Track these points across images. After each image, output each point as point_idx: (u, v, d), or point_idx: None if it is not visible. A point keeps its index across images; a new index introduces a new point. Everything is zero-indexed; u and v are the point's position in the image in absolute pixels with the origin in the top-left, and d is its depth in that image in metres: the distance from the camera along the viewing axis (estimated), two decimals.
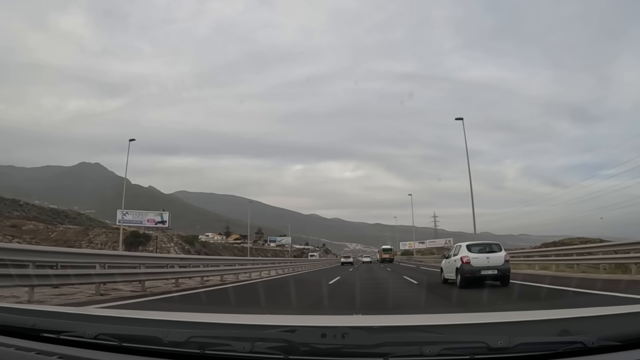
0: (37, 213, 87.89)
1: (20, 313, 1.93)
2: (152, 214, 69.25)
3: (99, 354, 1.55)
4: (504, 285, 11.95)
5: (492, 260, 12.20)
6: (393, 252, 73.90)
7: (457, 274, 12.53)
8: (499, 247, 13.07)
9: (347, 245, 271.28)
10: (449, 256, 14.17)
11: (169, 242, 66.52)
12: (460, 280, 12.29)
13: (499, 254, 12.53)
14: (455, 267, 12.81)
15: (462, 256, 12.51)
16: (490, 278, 12.14)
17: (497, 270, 12.00)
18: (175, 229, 76.51)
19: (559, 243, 42.01)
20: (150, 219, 68.14)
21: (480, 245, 13.18)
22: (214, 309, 8.45)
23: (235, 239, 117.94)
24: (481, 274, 11.95)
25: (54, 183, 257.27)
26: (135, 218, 66.62)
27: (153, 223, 68.03)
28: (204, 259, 23.25)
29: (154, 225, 68.05)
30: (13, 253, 8.32)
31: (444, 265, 14.52)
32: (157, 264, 14.48)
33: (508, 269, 12.36)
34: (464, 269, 12.16)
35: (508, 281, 12.18)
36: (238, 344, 1.46)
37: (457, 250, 13.41)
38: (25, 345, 1.63)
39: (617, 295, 8.43)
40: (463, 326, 1.77)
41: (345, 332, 1.45)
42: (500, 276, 12.09)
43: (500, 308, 7.86)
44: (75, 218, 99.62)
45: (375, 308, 8.22)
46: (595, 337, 1.37)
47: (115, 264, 12.80)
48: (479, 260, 12.18)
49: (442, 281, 14.41)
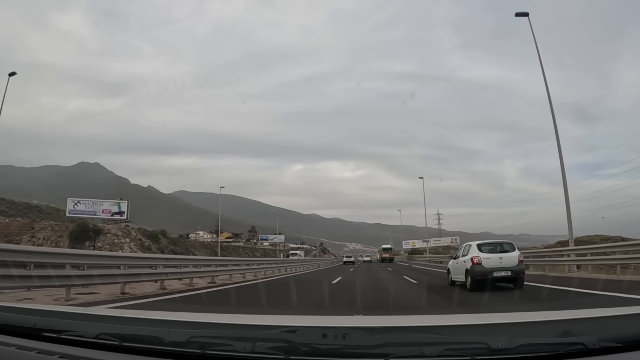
0: (6, 207, 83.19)
1: (21, 312, 1.93)
2: (108, 204, 60.20)
3: (99, 354, 1.55)
4: (518, 288, 11.17)
5: (505, 260, 11.43)
6: (393, 252, 73.85)
7: (467, 276, 11.74)
8: (512, 246, 12.27)
9: (347, 245, 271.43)
10: (457, 256, 13.39)
11: (125, 236, 56.77)
12: (470, 283, 11.51)
13: (513, 254, 11.74)
14: (464, 268, 11.98)
15: (472, 256, 11.68)
16: (503, 280, 11.37)
17: (511, 272, 11.25)
18: (155, 225, 69.33)
19: (578, 242, 37.14)
20: (106, 209, 58.98)
21: (491, 245, 12.40)
22: (215, 309, 8.46)
23: (227, 237, 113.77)
24: (493, 276, 11.16)
25: (52, 182, 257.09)
26: (88, 208, 58.05)
27: (109, 214, 58.81)
28: (162, 259, 17.13)
29: (110, 217, 58.96)
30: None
31: (452, 266, 13.79)
32: (100, 264, 11.10)
33: (522, 270, 11.69)
34: (475, 271, 11.37)
35: (522, 283, 11.44)
36: (239, 344, 1.46)
37: (467, 250, 12.58)
38: (26, 345, 1.63)
39: None
40: (464, 327, 1.77)
41: (346, 333, 1.45)
42: (514, 278, 11.33)
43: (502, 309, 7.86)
44: (50, 213, 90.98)
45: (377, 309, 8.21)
46: (596, 338, 1.37)
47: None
48: (491, 261, 11.42)
49: (449, 283, 13.65)
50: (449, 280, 13.84)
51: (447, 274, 14.31)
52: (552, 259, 20.44)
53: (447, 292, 11.88)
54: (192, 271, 15.39)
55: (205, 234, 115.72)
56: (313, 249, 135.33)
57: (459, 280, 12.62)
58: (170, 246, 63.28)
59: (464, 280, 11.99)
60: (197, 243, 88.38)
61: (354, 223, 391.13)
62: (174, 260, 17.90)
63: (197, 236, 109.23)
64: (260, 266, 25.20)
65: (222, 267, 19.17)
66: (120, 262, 12.09)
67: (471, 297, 10.39)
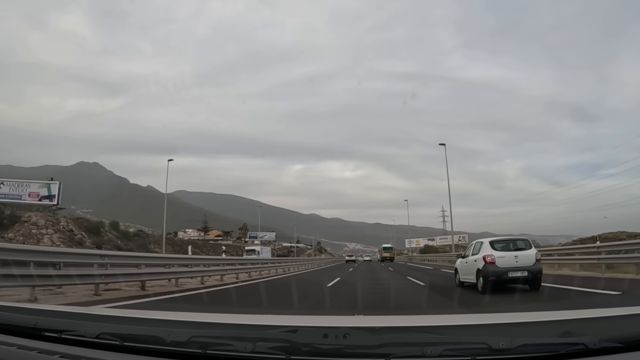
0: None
1: (22, 312, 1.93)
2: (35, 186, 49.58)
3: (100, 354, 1.55)
4: (534, 290, 10.32)
5: (521, 259, 10.45)
6: (393, 251, 74.06)
7: (479, 277, 10.78)
8: (528, 243, 11.30)
9: (347, 245, 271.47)
10: (466, 255, 12.42)
11: (50, 227, 45.60)
12: (483, 284, 10.52)
13: (529, 252, 10.74)
14: (476, 268, 11.02)
15: (485, 255, 10.68)
16: (519, 281, 10.38)
17: (527, 272, 10.27)
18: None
19: (602, 239, 31.37)
20: (33, 192, 48.76)
21: (504, 242, 11.33)
22: (216, 309, 8.46)
23: (216, 235, 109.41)
24: (509, 277, 10.26)
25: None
26: (12, 191, 48.47)
27: (36, 198, 48.86)
28: (96, 255, 12.21)
29: (38, 202, 49.22)
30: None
31: (460, 266, 12.79)
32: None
33: (540, 270, 10.65)
34: (488, 271, 10.39)
35: (539, 285, 10.50)
36: (240, 343, 1.46)
37: (478, 248, 11.55)
38: (27, 345, 1.63)
39: None
40: (464, 327, 1.78)
41: (346, 333, 1.45)
42: (532, 279, 10.37)
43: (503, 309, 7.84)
44: None
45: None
46: (597, 338, 1.38)
47: None
48: (505, 260, 10.47)
49: (457, 284, 12.67)
50: (456, 281, 12.99)
51: (454, 274, 13.43)
52: (582, 257, 17.54)
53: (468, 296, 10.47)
54: (128, 273, 11.48)
55: (193, 232, 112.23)
56: (308, 248, 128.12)
57: (468, 281, 11.76)
58: (118, 241, 52.75)
59: (474, 281, 11.14)
60: (180, 241, 79.43)
61: (354, 223, 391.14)
62: (114, 257, 12.78)
63: (185, 234, 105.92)
64: (224, 267, 18.90)
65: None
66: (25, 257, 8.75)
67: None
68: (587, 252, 17.59)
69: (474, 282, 11.24)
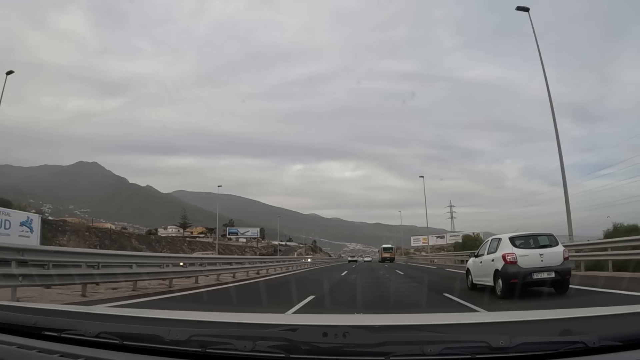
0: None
1: (21, 311, 1.93)
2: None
3: (100, 352, 1.55)
4: (561, 294, 9.04)
5: (547, 258, 9.04)
6: (393, 252, 74.12)
7: (497, 278, 9.36)
8: (554, 239, 9.73)
9: (346, 245, 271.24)
10: (480, 254, 11.08)
11: None
12: (502, 287, 9.11)
13: (556, 250, 9.31)
14: (494, 268, 9.60)
15: (504, 254, 9.24)
16: (545, 283, 8.97)
17: (555, 273, 8.84)
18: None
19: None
20: None
21: (526, 238, 9.76)
22: (215, 307, 8.46)
23: (200, 232, 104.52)
24: (533, 279, 8.84)
25: (50, 182, 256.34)
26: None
27: None
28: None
29: None
30: None
31: (472, 266, 11.47)
32: None
33: (568, 270, 9.30)
34: (509, 272, 8.98)
35: (567, 287, 9.18)
36: (239, 342, 1.45)
37: (495, 245, 10.16)
38: (26, 344, 1.62)
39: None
40: (464, 325, 1.77)
41: (346, 331, 1.45)
42: (559, 281, 8.95)
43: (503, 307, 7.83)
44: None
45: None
46: (597, 337, 1.37)
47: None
48: (529, 259, 9.05)
49: (469, 286, 11.43)
50: (468, 283, 11.69)
51: (465, 275, 12.10)
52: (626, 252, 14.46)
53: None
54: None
55: (172, 229, 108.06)
56: (300, 246, 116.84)
57: (483, 284, 10.47)
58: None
59: (492, 284, 9.77)
60: (160, 238, 78.27)
61: (354, 223, 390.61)
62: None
63: (165, 232, 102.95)
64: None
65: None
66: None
67: None
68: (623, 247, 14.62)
69: (489, 284, 9.94)
